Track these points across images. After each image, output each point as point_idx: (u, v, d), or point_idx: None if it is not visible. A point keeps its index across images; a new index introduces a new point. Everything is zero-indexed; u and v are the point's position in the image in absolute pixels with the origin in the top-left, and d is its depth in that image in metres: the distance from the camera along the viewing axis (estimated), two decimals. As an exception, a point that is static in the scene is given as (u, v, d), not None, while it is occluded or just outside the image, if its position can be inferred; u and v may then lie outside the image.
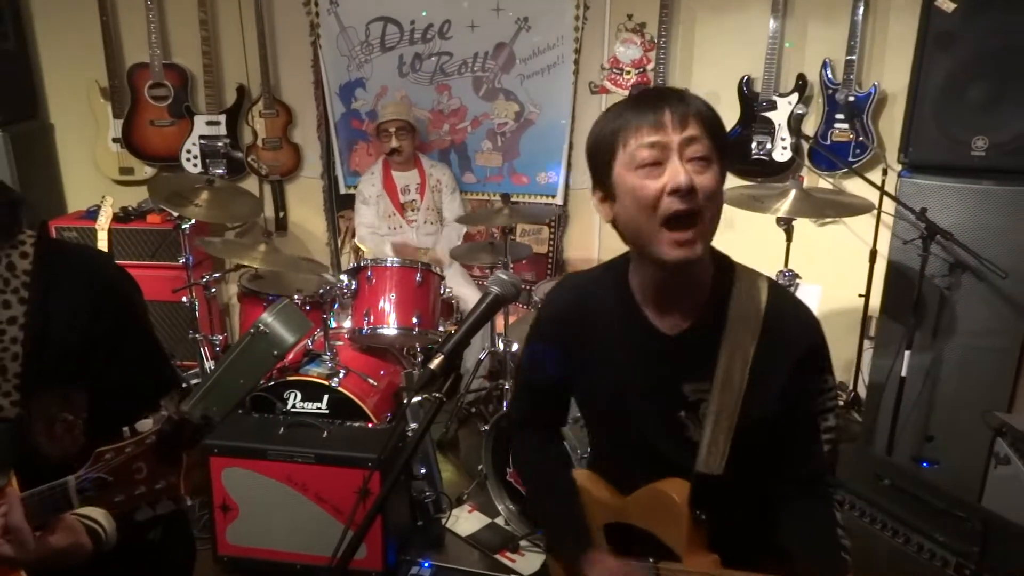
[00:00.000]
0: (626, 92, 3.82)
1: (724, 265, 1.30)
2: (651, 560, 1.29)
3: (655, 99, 1.18)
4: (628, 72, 3.84)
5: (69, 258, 1.32)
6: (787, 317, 1.27)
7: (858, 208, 2.88)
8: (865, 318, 3.52)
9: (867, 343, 3.56)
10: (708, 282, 1.27)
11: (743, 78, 3.61)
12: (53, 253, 1.29)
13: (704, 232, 1.17)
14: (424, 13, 3.98)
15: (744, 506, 1.31)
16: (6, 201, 1.26)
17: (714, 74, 3.73)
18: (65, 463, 1.10)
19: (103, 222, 3.90)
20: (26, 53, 4.28)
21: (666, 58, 3.69)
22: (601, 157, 1.22)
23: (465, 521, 3.00)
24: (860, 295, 3.43)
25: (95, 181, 4.40)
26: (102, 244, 3.88)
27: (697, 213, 1.15)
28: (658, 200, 1.15)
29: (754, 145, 3.62)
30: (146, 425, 1.04)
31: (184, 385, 1.60)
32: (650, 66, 3.77)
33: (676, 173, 1.13)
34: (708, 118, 1.18)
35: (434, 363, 1.07)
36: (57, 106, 4.46)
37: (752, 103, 3.60)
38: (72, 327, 1.25)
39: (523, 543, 2.84)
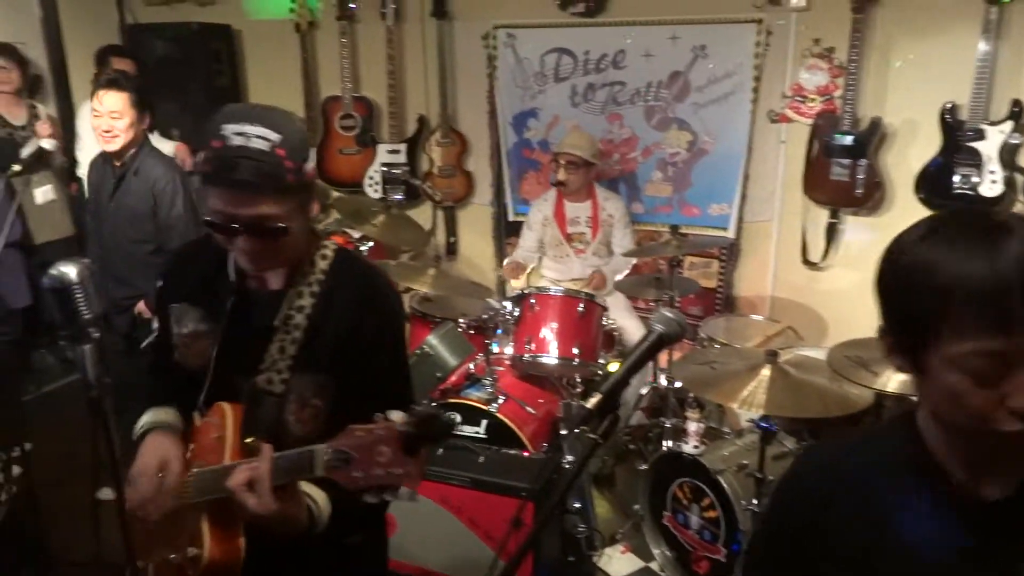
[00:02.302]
0: (809, 121, 3.60)
1: None
2: None
3: (997, 271, 0.81)
4: (812, 100, 3.62)
5: (356, 267, 1.50)
6: None
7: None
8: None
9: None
10: None
11: (946, 105, 3.28)
12: (346, 260, 1.47)
13: None
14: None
15: None
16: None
17: (911, 101, 3.43)
18: (302, 444, 1.21)
19: (293, 242, 4.21)
20: (237, 88, 4.76)
21: (856, 84, 3.44)
22: (907, 320, 0.91)
23: (618, 562, 2.91)
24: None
25: (289, 204, 4.78)
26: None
27: None
28: (987, 412, 0.86)
29: (957, 179, 3.27)
30: (397, 416, 1.10)
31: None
32: (837, 93, 3.53)
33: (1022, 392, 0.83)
34: None
35: (591, 402, 1.02)
36: (261, 136, 4.90)
37: (956, 132, 3.27)
38: (341, 324, 1.40)
39: (678, 593, 2.70)
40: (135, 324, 3.01)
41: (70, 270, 1.22)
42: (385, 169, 4.43)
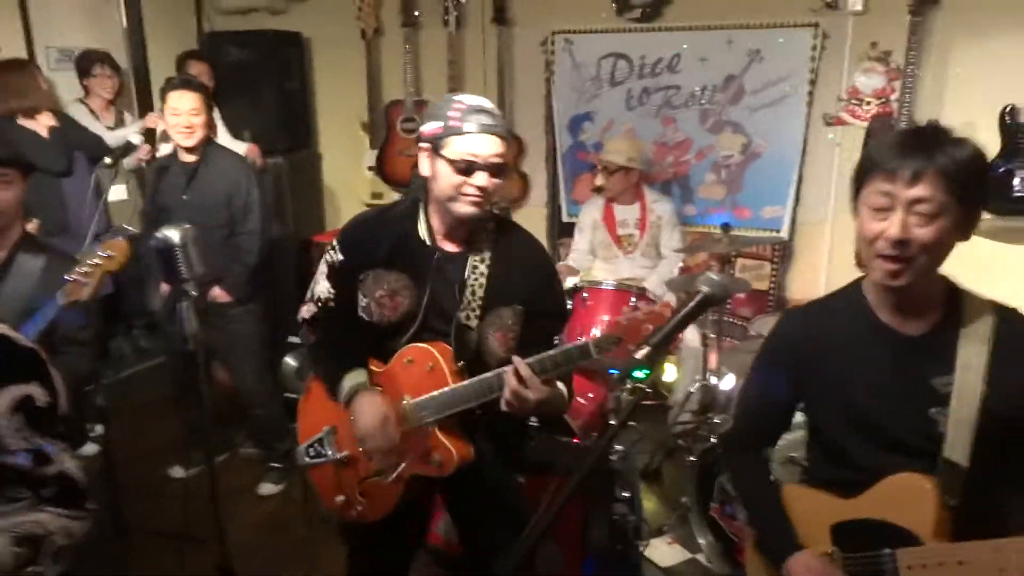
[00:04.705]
0: (865, 124, 3.61)
1: (951, 285, 1.41)
2: (888, 550, 1.36)
3: (905, 147, 1.27)
4: (868, 103, 3.63)
5: (515, 230, 1.88)
6: (1016, 324, 1.36)
7: None
8: None
9: None
10: (940, 295, 1.38)
11: (1006, 108, 3.27)
12: (504, 224, 1.86)
13: (913, 270, 1.28)
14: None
15: (986, 495, 1.37)
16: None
17: (970, 103, 3.42)
18: (503, 363, 1.62)
19: (354, 239, 4.37)
20: (306, 92, 4.97)
21: (913, 87, 3.44)
22: (858, 177, 1.35)
23: (665, 553, 2.95)
24: None
25: (350, 203, 4.97)
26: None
27: (907, 259, 1.27)
28: (875, 239, 1.29)
29: (1017, 181, 3.24)
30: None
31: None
32: (894, 96, 3.54)
33: (893, 225, 1.25)
34: (952, 174, 1.23)
35: (640, 354, 1.11)
36: (326, 138, 5.11)
37: (1016, 135, 3.24)
38: (514, 269, 1.77)
39: (724, 582, 2.73)
40: (207, 307, 3.18)
41: (173, 234, 1.37)
42: (443, 170, 4.55)
